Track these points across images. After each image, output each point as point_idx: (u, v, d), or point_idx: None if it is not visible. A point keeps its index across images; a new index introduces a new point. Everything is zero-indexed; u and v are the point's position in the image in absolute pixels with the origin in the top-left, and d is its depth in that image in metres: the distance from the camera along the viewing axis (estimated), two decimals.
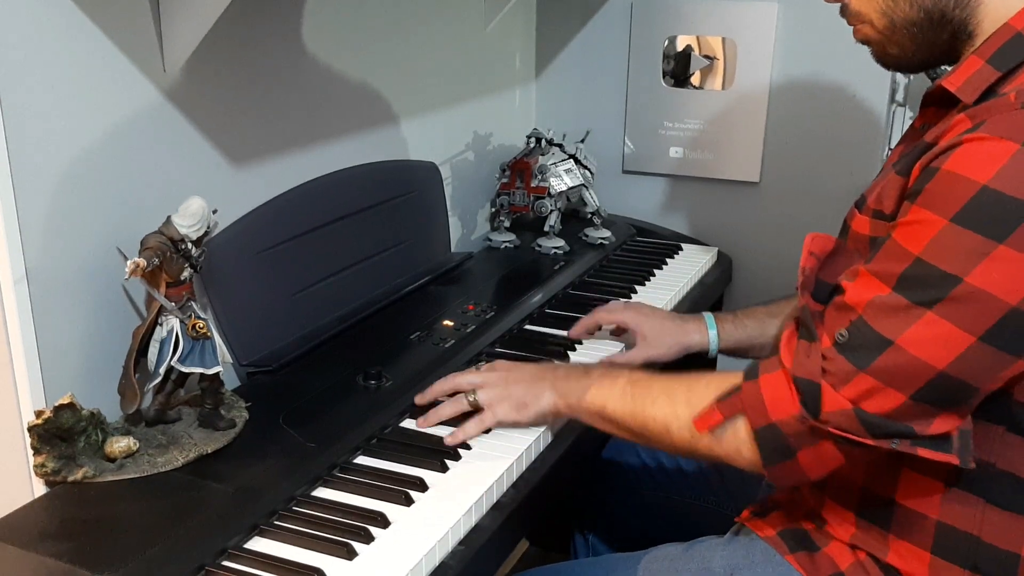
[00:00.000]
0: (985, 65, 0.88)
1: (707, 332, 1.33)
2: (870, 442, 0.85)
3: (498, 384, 1.11)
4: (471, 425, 1.09)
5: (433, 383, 1.16)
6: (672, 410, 0.97)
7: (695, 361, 1.33)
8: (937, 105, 0.96)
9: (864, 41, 0.99)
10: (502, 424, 1.10)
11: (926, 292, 0.82)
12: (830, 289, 0.92)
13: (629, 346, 1.36)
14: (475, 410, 1.10)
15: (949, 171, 0.82)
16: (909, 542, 0.94)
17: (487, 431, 1.10)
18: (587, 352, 1.36)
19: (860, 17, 0.97)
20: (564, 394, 1.08)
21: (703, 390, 0.96)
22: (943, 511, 0.92)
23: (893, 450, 0.85)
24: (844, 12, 0.99)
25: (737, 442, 0.93)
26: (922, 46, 0.95)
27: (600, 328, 1.39)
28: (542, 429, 1.13)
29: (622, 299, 1.51)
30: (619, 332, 1.40)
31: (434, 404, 1.15)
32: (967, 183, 0.80)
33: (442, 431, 1.12)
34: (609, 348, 1.37)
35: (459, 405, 1.11)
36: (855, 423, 0.85)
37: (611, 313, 1.38)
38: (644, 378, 1.03)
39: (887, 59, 0.99)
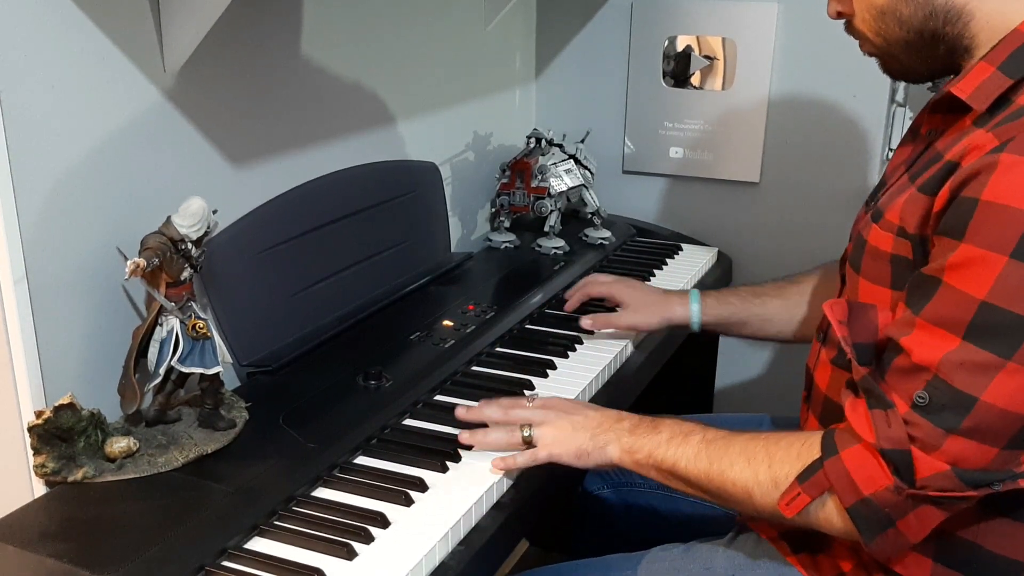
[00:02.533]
0: (996, 72, 0.87)
1: (689, 307, 1.37)
2: (973, 494, 0.83)
3: (558, 426, 1.05)
4: (523, 458, 1.04)
5: (482, 403, 1.11)
6: (753, 475, 0.93)
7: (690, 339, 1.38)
8: (944, 112, 0.95)
9: (869, 55, 1.01)
10: (555, 463, 1.05)
11: (1002, 340, 0.79)
12: (872, 347, 0.91)
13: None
14: (527, 445, 1.05)
15: (992, 202, 0.79)
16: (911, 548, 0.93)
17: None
18: (589, 350, 1.36)
19: (860, 35, 0.99)
20: (631, 449, 1.02)
21: (783, 454, 0.92)
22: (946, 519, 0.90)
23: (996, 492, 0.83)
24: (848, 30, 1.01)
25: (828, 515, 0.89)
26: (920, 62, 0.96)
27: (590, 299, 1.47)
28: None
29: (609, 274, 1.54)
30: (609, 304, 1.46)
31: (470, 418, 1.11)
32: (1017, 213, 0.77)
33: (442, 428, 1.12)
34: (612, 348, 1.37)
35: (513, 439, 1.05)
36: (954, 481, 0.82)
37: (600, 286, 1.45)
38: (719, 437, 0.98)
39: (892, 72, 1.01)
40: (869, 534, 0.87)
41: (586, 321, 1.38)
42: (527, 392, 1.20)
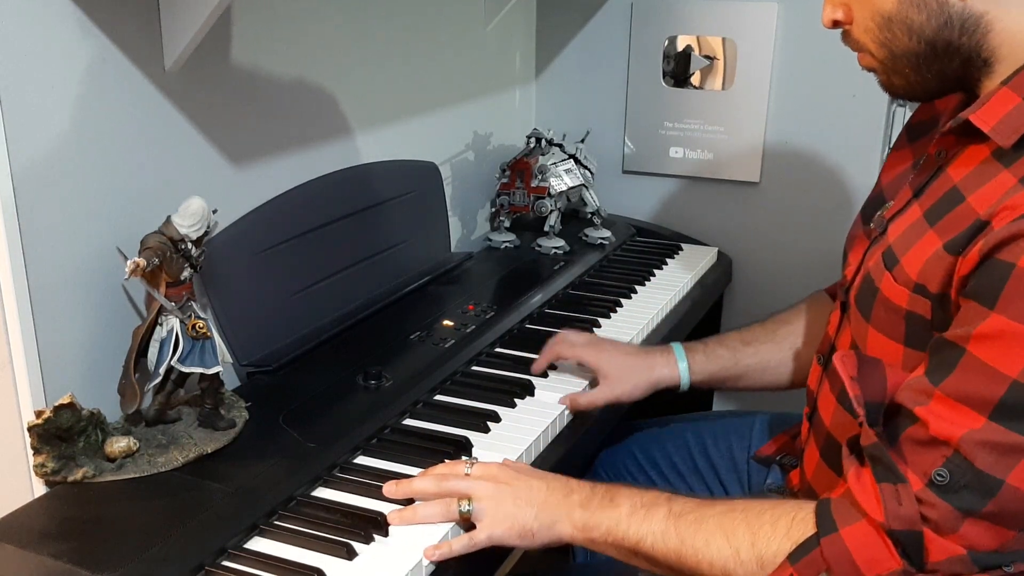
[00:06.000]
0: (1022, 103, 0.81)
1: (676, 365, 1.22)
2: None
3: (499, 500, 0.93)
4: (459, 543, 0.92)
5: (413, 478, 0.99)
6: (733, 554, 0.84)
7: (664, 395, 1.25)
8: (958, 135, 0.88)
9: (868, 69, 0.94)
10: (496, 544, 0.94)
11: None
12: (881, 408, 0.84)
13: (592, 384, 1.25)
14: (465, 521, 0.94)
15: None
16: None
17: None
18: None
19: (860, 46, 0.92)
20: (585, 527, 0.91)
21: (769, 530, 0.84)
22: None
23: (1006, 574, 0.78)
24: (846, 40, 0.94)
25: None
26: (929, 76, 0.88)
27: (559, 360, 1.28)
28: (542, 430, 1.14)
29: (582, 332, 1.33)
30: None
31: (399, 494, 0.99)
32: None
33: (442, 428, 1.12)
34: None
35: (449, 513, 0.94)
36: (967, 565, 0.77)
37: (572, 348, 1.25)
38: (690, 510, 0.88)
39: (894, 88, 0.93)
40: None
41: (564, 400, 1.20)
42: (465, 457, 1.06)
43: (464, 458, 1.04)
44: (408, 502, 0.97)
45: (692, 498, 0.92)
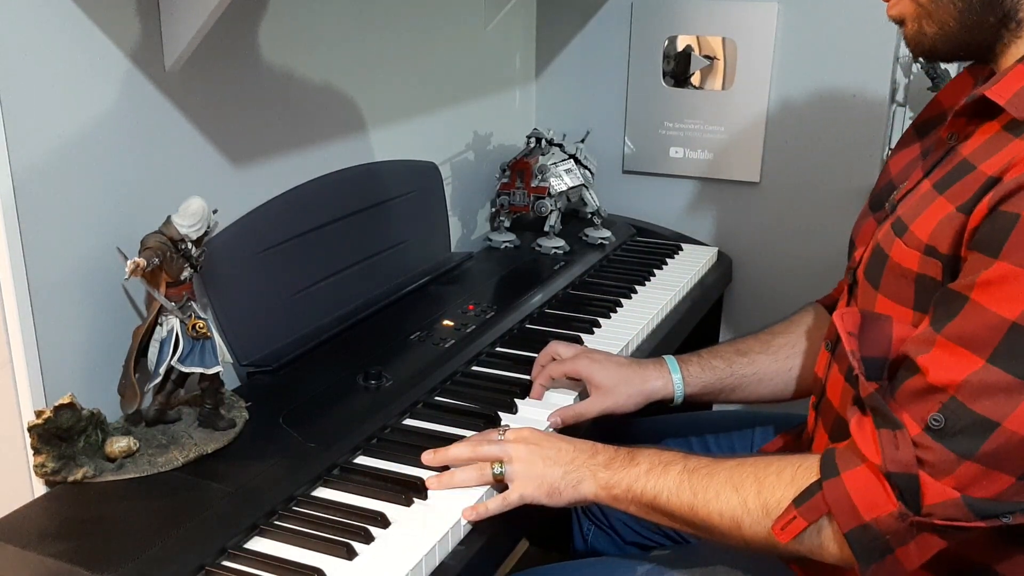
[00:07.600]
0: None
1: (670, 377, 1.20)
2: (980, 524, 0.78)
3: (529, 461, 0.99)
4: (494, 503, 0.98)
5: (449, 445, 1.04)
6: (741, 503, 0.88)
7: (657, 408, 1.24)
8: (969, 115, 0.88)
9: (898, 18, 0.92)
10: (527, 503, 1.00)
11: None
12: (884, 363, 0.86)
13: (582, 396, 1.22)
14: (498, 482, 1.00)
15: None
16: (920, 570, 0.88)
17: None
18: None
19: None
20: (607, 484, 0.97)
21: (775, 480, 0.87)
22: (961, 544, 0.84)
23: (1006, 525, 0.78)
24: None
25: (822, 541, 0.85)
26: (964, 26, 0.87)
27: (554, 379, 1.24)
28: (543, 429, 1.13)
29: (573, 344, 1.29)
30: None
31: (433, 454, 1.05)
32: None
33: (442, 428, 1.12)
34: (614, 347, 1.37)
35: (483, 476, 1.00)
36: (962, 510, 0.78)
37: (561, 365, 1.22)
38: (702, 466, 0.93)
39: (922, 38, 0.90)
40: (866, 561, 0.82)
41: (554, 418, 1.16)
42: (498, 426, 1.10)
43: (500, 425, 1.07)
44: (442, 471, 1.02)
45: (706, 456, 0.95)
